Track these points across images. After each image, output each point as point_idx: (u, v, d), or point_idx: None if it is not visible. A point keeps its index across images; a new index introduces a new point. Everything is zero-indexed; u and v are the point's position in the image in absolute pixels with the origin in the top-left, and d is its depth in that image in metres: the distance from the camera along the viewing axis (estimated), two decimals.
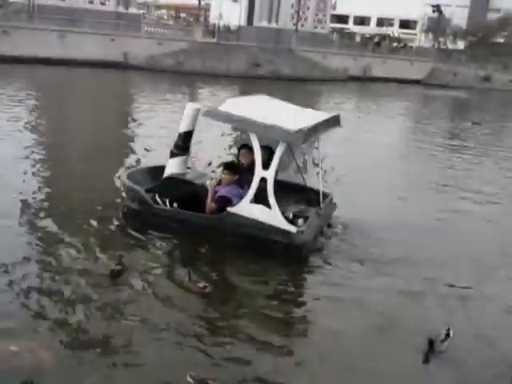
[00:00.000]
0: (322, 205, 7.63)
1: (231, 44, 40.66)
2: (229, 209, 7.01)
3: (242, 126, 7.36)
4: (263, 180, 6.85)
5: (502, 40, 76.06)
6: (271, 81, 35.46)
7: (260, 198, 6.90)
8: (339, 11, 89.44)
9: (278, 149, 6.78)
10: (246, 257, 6.84)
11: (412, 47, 55.77)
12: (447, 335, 5.19)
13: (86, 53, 32.80)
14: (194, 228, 7.15)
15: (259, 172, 6.88)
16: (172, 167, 7.95)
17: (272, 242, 6.79)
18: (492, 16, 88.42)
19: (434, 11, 62.37)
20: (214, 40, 40.66)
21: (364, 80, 43.34)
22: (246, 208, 6.93)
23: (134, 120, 17.22)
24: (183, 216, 7.25)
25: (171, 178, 7.85)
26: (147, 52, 35.34)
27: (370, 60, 45.85)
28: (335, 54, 44.26)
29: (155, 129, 15.17)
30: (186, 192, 7.55)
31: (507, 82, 49.99)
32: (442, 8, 64.60)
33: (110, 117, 18.30)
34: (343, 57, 44.31)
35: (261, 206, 6.88)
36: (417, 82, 46.30)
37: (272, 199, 6.80)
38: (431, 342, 5.04)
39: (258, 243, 6.84)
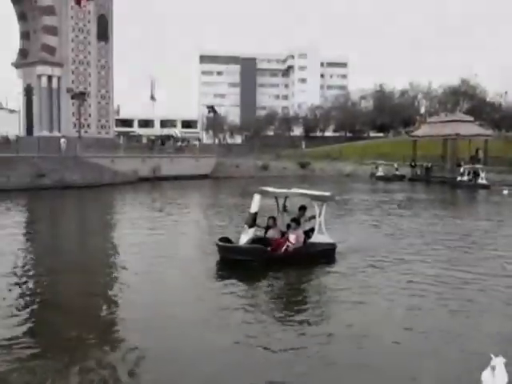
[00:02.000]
0: None
1: (10, 156, 38.72)
2: None
3: None
4: None
5: (271, 133, 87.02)
6: (59, 190, 34.63)
7: None
8: (123, 116, 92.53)
9: None
10: None
11: (196, 145, 59.78)
12: None
13: None
14: None
15: None
16: None
17: None
18: (260, 113, 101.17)
19: (209, 112, 68.48)
20: None
21: (154, 180, 44.70)
22: None
23: None
24: None
25: None
26: None
27: (158, 160, 47.85)
28: (123, 157, 45.17)
29: None
30: None
31: (281, 168, 56.73)
32: (217, 108, 71.43)
33: None
34: (132, 159, 45.42)
35: None
36: (205, 176, 49.57)
37: None
38: None
39: None
